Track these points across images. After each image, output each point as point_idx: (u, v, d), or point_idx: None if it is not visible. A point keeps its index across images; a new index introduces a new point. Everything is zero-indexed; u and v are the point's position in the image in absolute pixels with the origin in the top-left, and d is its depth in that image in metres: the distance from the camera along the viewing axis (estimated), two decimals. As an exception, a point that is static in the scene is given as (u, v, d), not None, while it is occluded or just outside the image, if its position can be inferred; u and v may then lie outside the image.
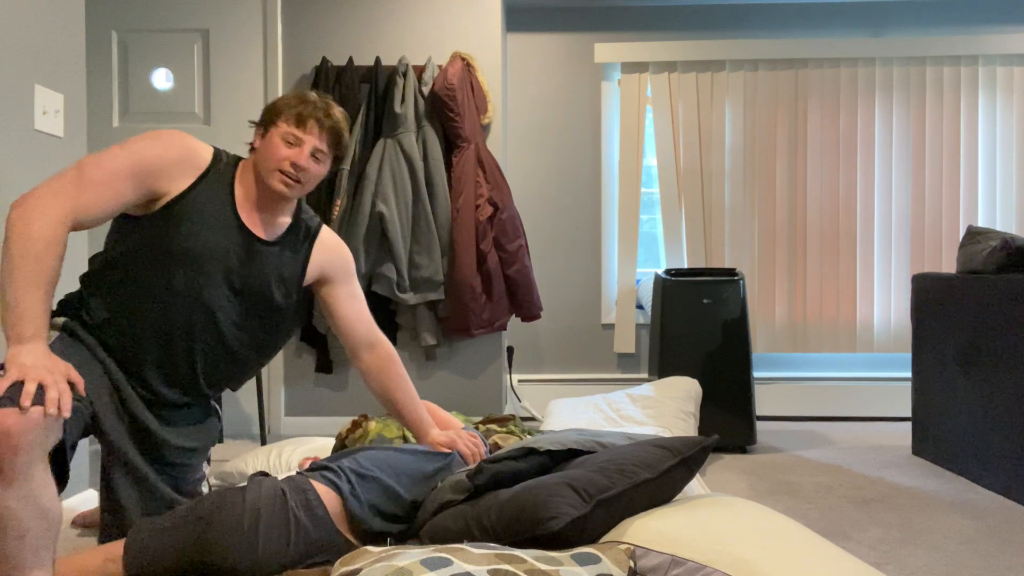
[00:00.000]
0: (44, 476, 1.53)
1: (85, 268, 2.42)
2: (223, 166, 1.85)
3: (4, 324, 1.55)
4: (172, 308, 1.79)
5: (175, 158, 1.76)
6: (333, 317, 2.04)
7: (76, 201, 1.63)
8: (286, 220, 1.94)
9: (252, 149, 1.89)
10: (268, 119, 1.85)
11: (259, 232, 1.87)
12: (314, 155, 1.85)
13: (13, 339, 1.53)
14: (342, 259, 2.04)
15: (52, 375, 1.51)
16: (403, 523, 1.85)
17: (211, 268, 1.80)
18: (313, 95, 1.88)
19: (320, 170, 1.88)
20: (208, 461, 2.08)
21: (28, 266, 1.55)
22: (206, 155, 1.83)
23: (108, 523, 1.82)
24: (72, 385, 1.58)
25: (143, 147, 1.72)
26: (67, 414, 1.50)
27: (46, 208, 1.59)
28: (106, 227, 3.10)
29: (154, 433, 1.83)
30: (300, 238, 1.96)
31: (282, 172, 1.82)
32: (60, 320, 1.82)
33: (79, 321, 1.81)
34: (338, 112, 1.89)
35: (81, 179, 1.65)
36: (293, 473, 1.96)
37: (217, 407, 2.07)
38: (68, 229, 1.63)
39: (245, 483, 1.77)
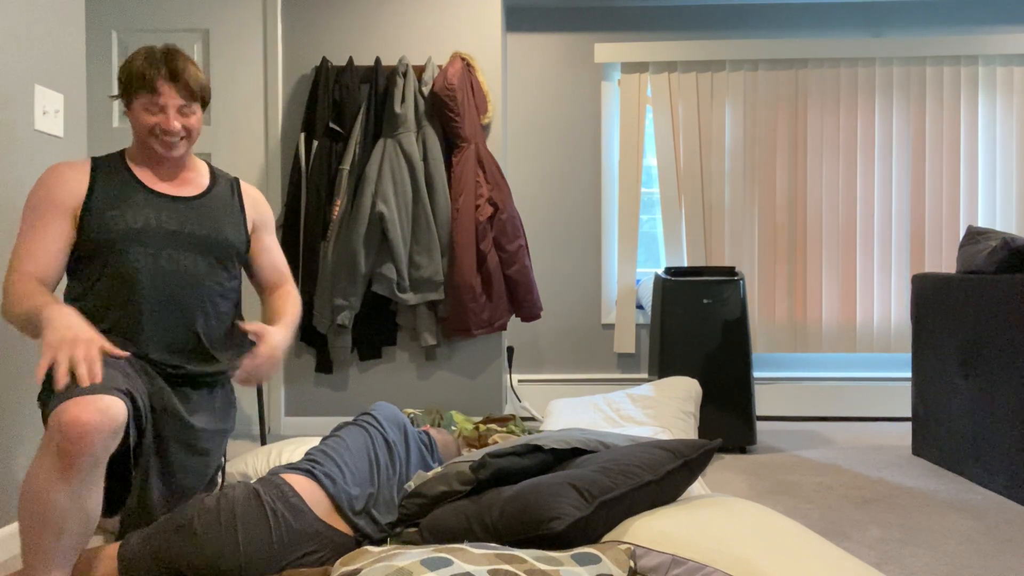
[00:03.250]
0: (98, 481, 1.57)
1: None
2: (105, 162, 1.94)
3: (34, 333, 1.68)
4: (150, 287, 1.86)
5: (58, 177, 1.87)
6: (250, 266, 2.15)
7: (25, 266, 1.77)
8: (201, 177, 2.04)
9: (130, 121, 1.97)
10: (125, 92, 1.90)
11: (179, 192, 1.97)
12: (180, 112, 1.90)
13: (41, 329, 1.62)
14: (266, 207, 2.17)
15: (76, 347, 1.56)
16: (374, 490, 1.88)
17: (153, 238, 1.88)
18: (156, 51, 1.89)
19: (194, 121, 1.94)
20: (224, 452, 2.10)
21: (25, 300, 1.70)
22: (83, 163, 1.93)
23: (130, 522, 1.84)
24: (115, 373, 1.64)
25: (34, 195, 1.85)
26: (98, 379, 1.55)
27: (6, 287, 1.76)
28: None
29: (183, 419, 1.87)
30: (227, 190, 2.08)
31: (158, 138, 1.90)
32: None
33: None
34: (184, 61, 1.89)
35: (17, 255, 1.80)
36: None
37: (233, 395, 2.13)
38: (35, 279, 1.76)
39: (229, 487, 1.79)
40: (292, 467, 1.82)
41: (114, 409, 1.53)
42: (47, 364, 1.53)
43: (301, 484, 1.76)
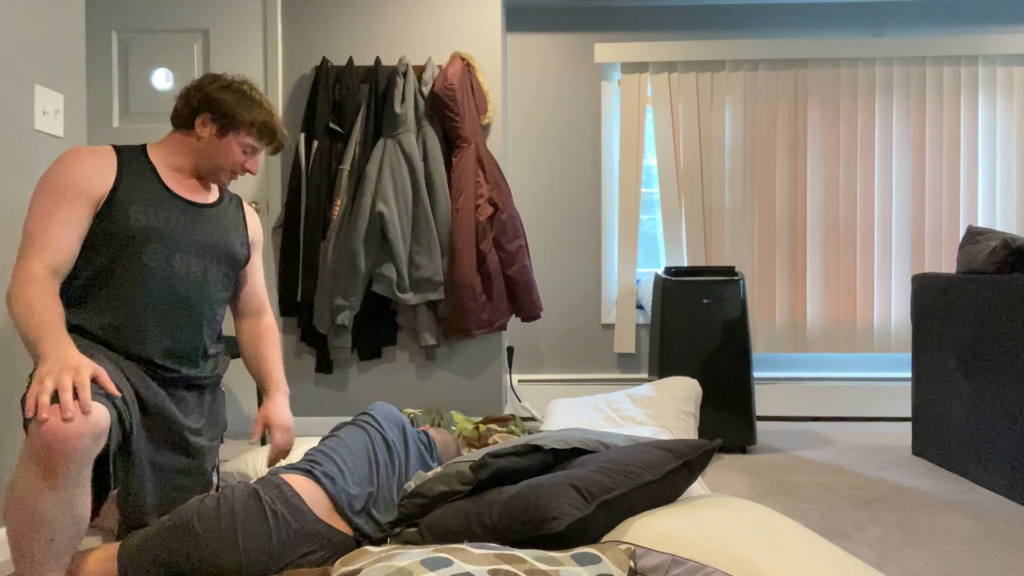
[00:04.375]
0: (85, 484, 1.56)
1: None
2: (128, 155, 1.93)
3: (30, 352, 1.64)
4: (158, 287, 1.87)
5: (87, 164, 1.84)
6: (238, 285, 2.17)
7: (42, 253, 1.73)
8: (212, 188, 2.08)
9: (182, 127, 1.97)
10: (227, 123, 1.94)
11: (196, 199, 1.99)
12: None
13: (39, 360, 1.60)
14: (261, 230, 2.21)
15: (64, 375, 1.52)
16: (373, 489, 1.88)
17: (170, 239, 1.89)
18: (260, 97, 1.99)
19: None
20: (217, 453, 2.10)
21: (34, 313, 1.64)
22: (108, 151, 1.91)
23: (127, 524, 1.84)
24: (107, 388, 1.62)
25: (57, 177, 1.80)
26: (87, 407, 1.51)
27: (21, 277, 1.70)
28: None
29: (176, 421, 1.88)
30: (233, 204, 2.11)
31: (233, 172, 1.99)
32: None
33: (77, 333, 1.84)
34: (280, 116, 2.06)
35: (35, 239, 1.74)
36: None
37: (223, 391, 2.15)
38: (51, 273, 1.73)
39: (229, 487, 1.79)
40: (291, 467, 1.82)
41: (95, 414, 1.51)
42: (34, 396, 1.49)
43: (300, 484, 1.76)
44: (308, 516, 1.72)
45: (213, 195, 2.05)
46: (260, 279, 2.21)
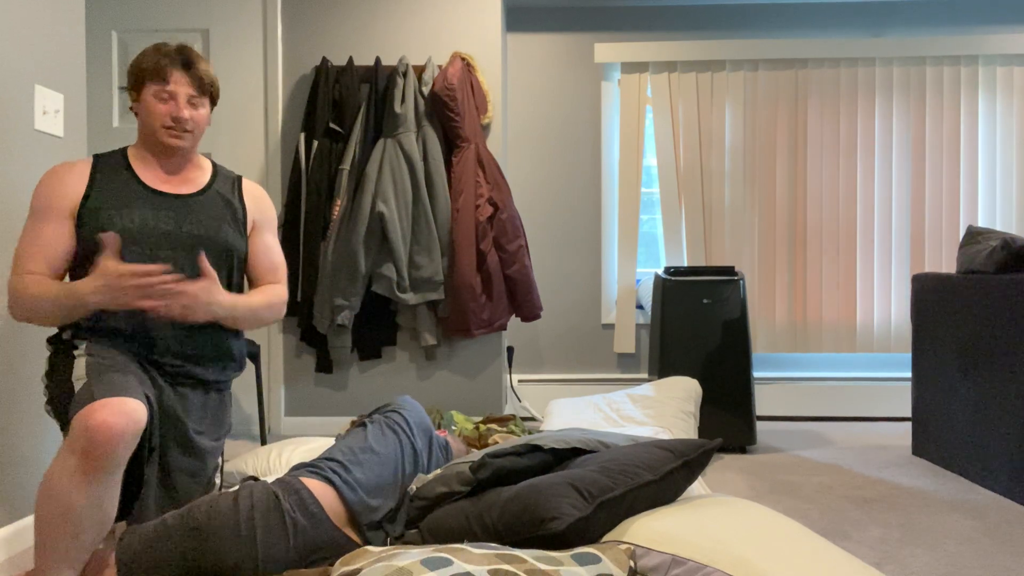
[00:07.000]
0: (116, 485, 1.58)
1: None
2: (106, 160, 1.94)
3: (77, 310, 1.73)
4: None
5: (61, 180, 1.87)
6: (247, 264, 2.11)
7: (33, 261, 1.79)
8: (203, 174, 2.03)
9: (136, 115, 1.97)
10: (135, 83, 1.92)
11: (179, 191, 1.96)
12: (190, 102, 1.92)
13: (87, 301, 1.71)
14: (268, 206, 2.14)
15: (119, 296, 1.66)
16: (394, 504, 1.86)
17: (149, 237, 1.88)
18: (169, 45, 1.94)
19: (202, 114, 1.96)
20: (221, 454, 2.09)
21: (49, 294, 1.74)
22: (84, 162, 1.93)
23: (129, 522, 1.84)
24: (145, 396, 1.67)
25: (37, 199, 1.86)
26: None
27: (16, 285, 1.78)
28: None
29: (179, 419, 1.88)
30: (228, 186, 2.06)
31: (167, 128, 1.90)
32: (81, 344, 1.83)
33: (92, 336, 1.84)
34: (196, 56, 1.94)
35: (22, 254, 1.81)
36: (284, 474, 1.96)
37: (230, 395, 2.13)
38: (43, 267, 1.79)
39: (236, 488, 1.76)
40: (314, 471, 1.79)
41: (138, 412, 1.54)
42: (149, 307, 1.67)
43: (320, 491, 1.73)
44: (326, 524, 1.70)
45: (199, 183, 2.00)
46: (275, 256, 2.12)
